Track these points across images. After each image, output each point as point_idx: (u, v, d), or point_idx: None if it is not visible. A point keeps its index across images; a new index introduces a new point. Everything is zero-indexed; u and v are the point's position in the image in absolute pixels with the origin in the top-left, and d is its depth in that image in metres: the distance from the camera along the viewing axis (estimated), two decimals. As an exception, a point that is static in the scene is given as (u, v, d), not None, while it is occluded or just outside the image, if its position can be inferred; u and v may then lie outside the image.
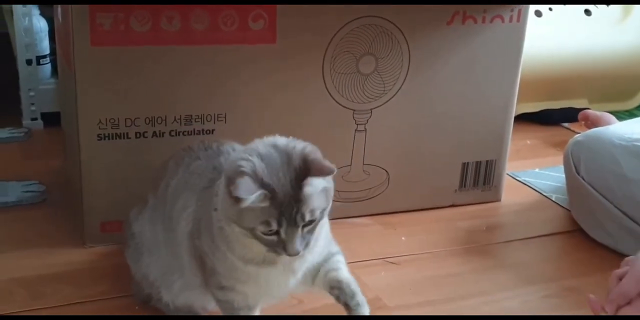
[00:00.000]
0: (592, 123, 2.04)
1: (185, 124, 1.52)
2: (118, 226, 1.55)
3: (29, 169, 1.86)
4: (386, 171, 1.75)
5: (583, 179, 1.67)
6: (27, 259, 1.51)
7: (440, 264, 1.59)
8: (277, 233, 1.01)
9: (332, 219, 1.11)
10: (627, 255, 1.17)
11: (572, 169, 1.70)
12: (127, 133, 1.49)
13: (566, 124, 2.37)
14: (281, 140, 1.07)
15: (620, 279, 1.07)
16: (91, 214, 1.55)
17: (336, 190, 1.71)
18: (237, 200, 0.97)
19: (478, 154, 1.81)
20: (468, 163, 1.81)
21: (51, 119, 2.06)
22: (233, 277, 1.11)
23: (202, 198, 1.14)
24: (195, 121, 1.53)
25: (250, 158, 1.01)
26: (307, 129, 1.62)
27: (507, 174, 1.93)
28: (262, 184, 0.98)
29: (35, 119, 2.11)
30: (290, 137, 1.09)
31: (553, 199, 1.88)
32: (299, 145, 1.05)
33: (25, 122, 2.11)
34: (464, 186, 1.83)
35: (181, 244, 1.18)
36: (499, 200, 1.88)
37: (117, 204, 1.55)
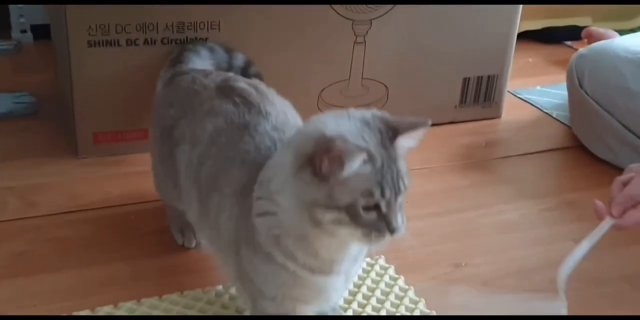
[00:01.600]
0: (596, 40, 1.99)
1: (177, 32, 1.48)
2: (111, 137, 1.54)
3: (20, 82, 1.83)
4: (385, 86, 1.71)
5: (586, 93, 1.64)
6: (19, 169, 1.50)
7: (438, 178, 1.57)
8: (376, 207, 0.87)
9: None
10: (628, 170, 1.16)
11: (576, 82, 1.67)
12: (117, 40, 1.45)
13: (569, 42, 2.32)
14: (333, 112, 0.91)
15: (624, 184, 1.05)
16: (83, 124, 1.52)
17: (334, 105, 1.72)
18: (332, 172, 0.83)
19: (480, 69, 1.77)
20: (469, 78, 1.77)
21: (41, 32, 2.01)
22: (288, 296, 0.97)
23: (238, 204, 0.99)
24: (188, 29, 1.48)
25: (325, 127, 0.87)
26: (305, 40, 1.58)
27: (508, 92, 1.89)
28: (358, 146, 0.84)
29: (25, 31, 2.06)
30: None
31: (554, 116, 1.86)
32: (365, 111, 0.91)
33: (15, 35, 2.06)
34: (465, 102, 1.80)
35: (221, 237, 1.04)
36: (499, 117, 1.85)
37: (110, 114, 1.53)
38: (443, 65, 1.73)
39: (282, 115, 1.08)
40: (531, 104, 1.92)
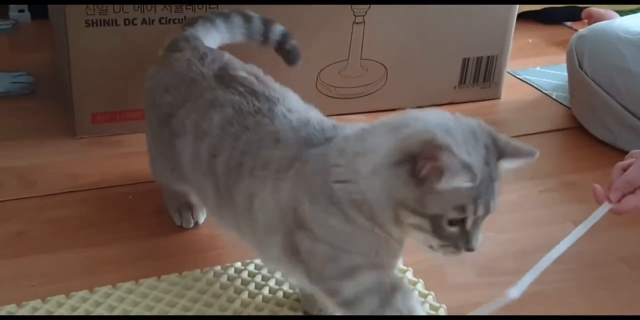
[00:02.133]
0: (596, 21, 1.98)
1: (175, 11, 1.47)
2: (109, 117, 1.53)
3: (17, 61, 1.82)
4: (384, 67, 1.70)
5: (586, 74, 1.63)
6: (17, 149, 1.49)
7: (437, 159, 1.57)
8: (461, 222, 0.86)
9: (328, 115, 1.07)
10: (627, 151, 1.15)
11: (575, 63, 1.66)
12: (115, 20, 1.44)
13: (569, 23, 2.31)
14: (443, 114, 0.89)
15: (624, 170, 1.05)
16: (81, 104, 1.52)
17: (332, 86, 1.71)
18: (429, 179, 0.81)
19: (479, 49, 1.76)
20: (469, 59, 1.76)
21: (39, 11, 2.00)
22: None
23: (286, 178, 0.95)
24: (186, 8, 1.47)
25: (435, 129, 0.84)
26: (304, 20, 1.57)
27: (508, 72, 1.89)
28: (463, 162, 0.82)
29: (23, 10, 2.05)
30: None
31: (553, 97, 1.85)
32: (472, 120, 0.89)
33: (12, 14, 2.05)
34: (464, 83, 1.79)
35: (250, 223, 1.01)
36: (498, 97, 1.84)
37: (108, 94, 1.52)
38: (442, 46, 1.73)
39: (287, 100, 1.08)
40: (531, 85, 1.92)
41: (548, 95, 1.86)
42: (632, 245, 1.32)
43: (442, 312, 1.11)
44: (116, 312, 1.07)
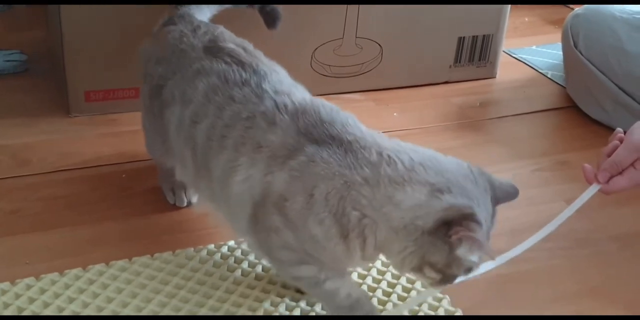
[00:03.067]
0: (593, -1, 1.97)
1: (170, -11, 1.46)
2: (102, 95, 1.53)
3: (11, 40, 1.81)
4: (379, 45, 1.70)
5: (581, 54, 1.63)
6: (11, 127, 1.49)
7: (432, 138, 1.57)
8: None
9: (323, 94, 1.07)
10: (621, 132, 1.15)
11: (570, 43, 1.66)
12: (109, -3, 1.44)
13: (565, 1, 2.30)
14: (463, 168, 0.93)
15: (608, 155, 1.06)
16: (75, 83, 1.51)
17: (327, 65, 1.71)
18: (460, 247, 0.87)
19: (475, 28, 1.76)
20: (464, 37, 1.76)
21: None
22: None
23: (277, 166, 0.96)
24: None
25: (471, 204, 0.89)
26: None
27: (504, 51, 1.88)
28: (486, 246, 0.88)
29: (16, -12, 2.03)
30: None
31: (549, 76, 1.85)
32: (473, 166, 0.94)
33: (6, -8, 2.03)
34: (459, 62, 1.79)
35: (229, 196, 1.02)
36: (494, 76, 1.84)
37: (101, 72, 1.52)
38: (438, 25, 1.72)
39: (275, 75, 1.07)
40: (526, 64, 1.91)
41: (543, 74, 1.86)
42: (624, 224, 1.33)
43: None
44: (109, 290, 1.08)
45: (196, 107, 1.07)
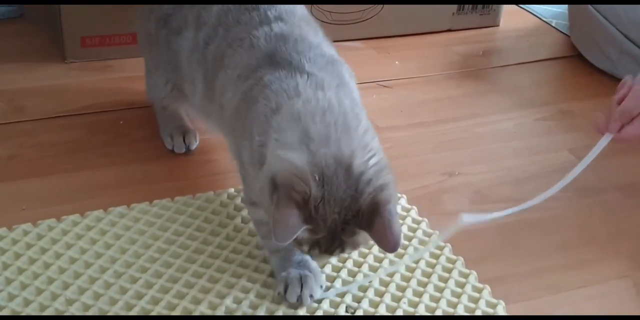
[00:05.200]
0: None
1: None
2: (98, 41, 1.50)
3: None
4: (381, -8, 1.66)
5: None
6: (6, 73, 1.46)
7: (433, 87, 1.55)
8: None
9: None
10: (625, 80, 1.14)
11: (576, -10, 1.63)
12: (105, -62, 1.40)
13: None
14: (356, 161, 0.85)
15: (619, 103, 1.04)
16: (70, 28, 1.48)
17: (328, 11, 1.67)
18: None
19: (479, -26, 1.73)
20: (468, -16, 1.73)
21: None
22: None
23: (241, 88, 0.98)
24: None
25: (308, 181, 0.83)
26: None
27: (507, -1, 1.85)
28: (308, 218, 0.84)
29: None
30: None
31: (553, 25, 1.81)
32: (375, 178, 0.85)
33: None
34: (462, 9, 1.75)
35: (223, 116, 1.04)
36: (497, 25, 1.81)
37: (97, 17, 1.49)
38: (441, -30, 1.68)
39: (291, 9, 1.08)
40: (530, 12, 1.88)
41: (547, 22, 1.83)
42: (629, 173, 1.32)
43: (434, 237, 1.11)
44: (108, 236, 1.07)
45: (209, 29, 1.08)
